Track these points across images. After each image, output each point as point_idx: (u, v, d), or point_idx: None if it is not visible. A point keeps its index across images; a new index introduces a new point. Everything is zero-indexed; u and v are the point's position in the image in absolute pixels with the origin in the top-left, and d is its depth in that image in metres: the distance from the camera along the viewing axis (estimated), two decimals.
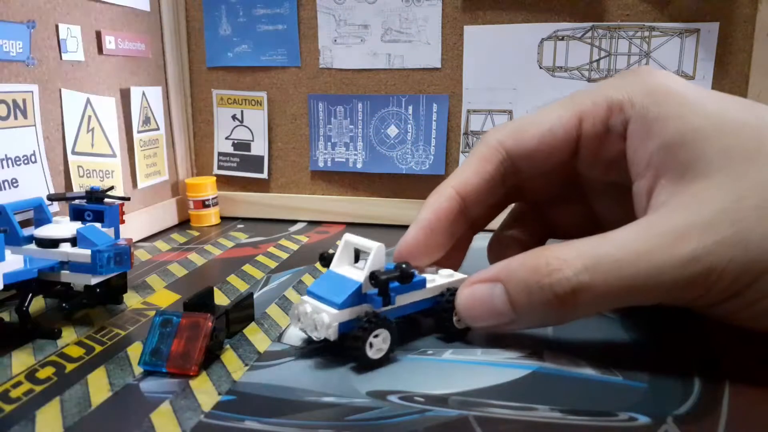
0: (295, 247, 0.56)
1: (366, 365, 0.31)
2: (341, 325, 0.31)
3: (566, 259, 0.25)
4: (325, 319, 0.30)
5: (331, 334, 0.30)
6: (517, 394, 0.28)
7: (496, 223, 0.41)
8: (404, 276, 0.31)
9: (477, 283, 0.28)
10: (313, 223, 0.65)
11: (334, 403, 0.28)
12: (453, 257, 0.36)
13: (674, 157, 0.25)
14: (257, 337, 0.35)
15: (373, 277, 0.30)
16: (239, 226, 0.65)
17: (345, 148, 0.65)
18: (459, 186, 0.32)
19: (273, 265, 0.50)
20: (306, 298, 0.33)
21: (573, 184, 0.35)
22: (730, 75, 0.55)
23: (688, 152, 0.25)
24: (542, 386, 0.29)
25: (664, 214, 0.25)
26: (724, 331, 0.35)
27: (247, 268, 0.49)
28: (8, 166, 0.43)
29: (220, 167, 0.69)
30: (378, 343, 0.31)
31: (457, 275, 0.36)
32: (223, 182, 0.69)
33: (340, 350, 0.31)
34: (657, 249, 0.23)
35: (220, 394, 0.29)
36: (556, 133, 0.30)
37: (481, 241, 0.56)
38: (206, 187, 0.65)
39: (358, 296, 0.31)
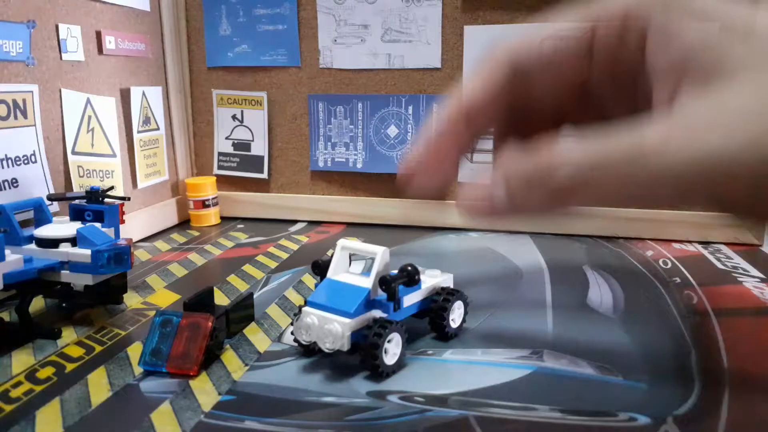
0: (295, 247, 0.56)
1: (382, 373, 0.30)
2: (353, 334, 0.30)
3: (568, 156, 0.25)
4: (338, 329, 0.29)
5: (345, 344, 0.29)
6: (517, 394, 0.28)
7: None
8: (411, 279, 0.31)
9: (478, 187, 0.28)
10: (313, 223, 0.65)
11: (334, 403, 0.28)
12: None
13: (698, 61, 0.25)
14: (257, 337, 0.35)
15: (384, 282, 0.30)
16: (239, 226, 0.65)
17: (345, 148, 0.65)
18: (467, 95, 0.31)
19: (273, 265, 0.50)
20: (309, 309, 0.31)
21: (581, 100, 0.34)
22: None
23: (712, 55, 0.24)
24: (542, 386, 0.29)
25: (683, 113, 0.24)
26: (725, 331, 0.35)
27: (247, 268, 0.49)
28: (8, 166, 0.43)
29: (220, 167, 0.69)
30: (392, 348, 0.30)
31: (446, 275, 0.36)
32: (223, 182, 0.69)
33: (352, 359, 0.31)
34: (674, 142, 0.23)
35: (220, 394, 0.29)
36: (569, 41, 0.30)
37: (479, 242, 0.56)
38: (206, 187, 0.65)
39: (366, 303, 0.31)
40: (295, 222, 0.66)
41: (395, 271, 0.32)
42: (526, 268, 0.48)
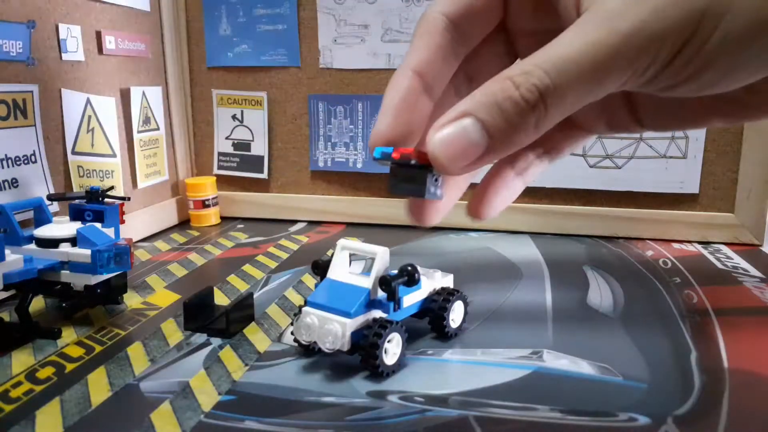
0: (295, 247, 0.56)
1: (382, 373, 0.30)
2: (352, 334, 0.30)
3: (527, 71, 0.26)
4: (338, 329, 0.30)
5: (345, 344, 0.30)
6: (517, 394, 0.28)
7: None
8: (411, 279, 0.31)
9: (445, 124, 0.28)
10: (313, 223, 0.65)
11: (334, 403, 0.28)
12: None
13: None
14: (257, 337, 0.35)
15: (384, 282, 0.30)
16: (239, 226, 0.65)
17: (345, 148, 0.65)
18: (413, 64, 0.32)
19: (273, 265, 0.50)
20: (309, 309, 0.32)
21: (512, 42, 0.35)
22: None
23: None
24: (542, 386, 0.29)
25: (596, 8, 0.26)
26: (725, 331, 0.35)
27: (247, 268, 0.49)
28: (8, 166, 0.43)
29: (220, 167, 0.69)
30: (392, 348, 0.30)
31: (447, 275, 0.36)
32: (223, 182, 0.69)
33: (352, 359, 0.31)
34: (601, 34, 0.25)
35: (220, 394, 0.29)
36: None
37: (479, 242, 0.56)
38: (206, 187, 0.65)
39: (366, 303, 0.31)
40: (295, 222, 0.66)
41: (395, 271, 0.32)
42: (526, 268, 0.48)
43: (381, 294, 0.31)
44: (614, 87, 0.27)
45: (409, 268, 0.31)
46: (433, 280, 0.34)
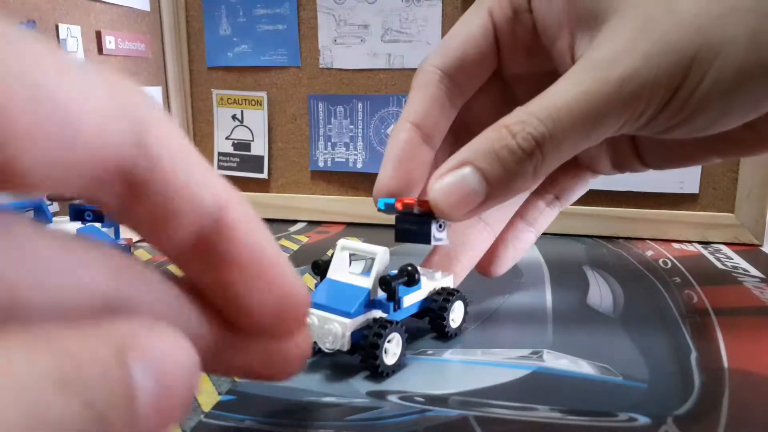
0: (295, 247, 0.56)
1: (382, 373, 0.30)
2: (352, 334, 0.30)
3: (523, 119, 0.26)
4: (338, 329, 0.30)
5: (345, 344, 0.30)
6: (517, 394, 0.28)
7: None
8: (411, 279, 0.31)
9: (445, 173, 0.28)
10: (313, 223, 0.65)
11: (334, 403, 0.28)
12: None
13: (582, 8, 0.27)
14: None
15: (384, 282, 0.30)
16: None
17: (345, 148, 0.65)
18: (411, 117, 0.32)
19: None
20: (309, 309, 0.32)
21: (508, 88, 0.35)
22: None
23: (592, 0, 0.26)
24: (542, 386, 0.29)
25: (589, 56, 0.26)
26: (725, 331, 0.35)
27: None
28: None
29: (220, 167, 0.69)
30: (392, 348, 0.30)
31: (447, 275, 0.35)
32: None
33: (352, 359, 0.31)
34: (594, 83, 0.25)
35: (220, 394, 0.29)
36: (475, 34, 0.31)
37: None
38: None
39: (366, 303, 0.31)
40: (295, 222, 0.66)
41: (395, 271, 0.32)
42: (526, 268, 0.48)
43: (381, 294, 0.31)
44: (609, 133, 0.27)
45: (409, 268, 0.31)
46: (433, 281, 0.34)
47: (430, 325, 0.34)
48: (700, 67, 0.24)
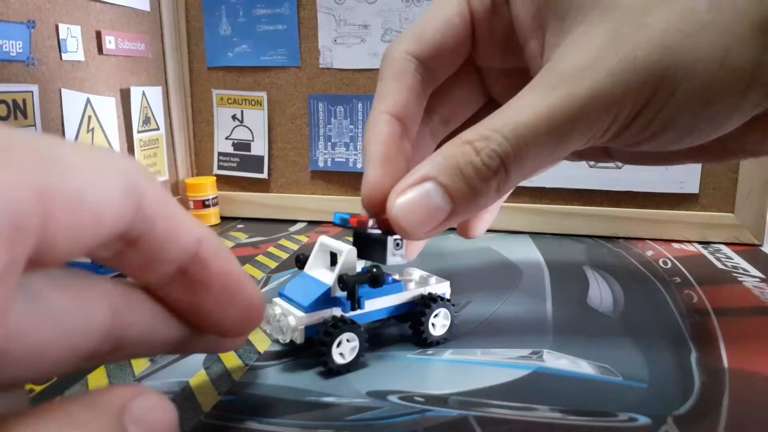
0: (295, 247, 0.56)
1: (333, 370, 0.30)
2: (309, 328, 0.30)
3: (487, 135, 0.26)
4: (291, 321, 0.30)
5: (297, 338, 0.30)
6: (517, 394, 0.28)
7: None
8: (375, 279, 0.30)
9: (406, 189, 0.27)
10: (313, 223, 0.65)
11: (334, 403, 0.28)
12: None
13: (553, 8, 0.26)
14: (257, 337, 0.35)
15: (341, 280, 0.30)
16: (239, 226, 0.65)
17: (345, 148, 0.65)
18: (389, 109, 0.31)
19: (273, 265, 0.50)
20: (277, 300, 0.33)
21: (480, 75, 0.34)
22: None
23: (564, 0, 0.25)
24: (542, 386, 0.29)
25: (554, 67, 0.25)
26: (725, 331, 0.35)
27: (247, 268, 0.49)
28: None
29: (220, 167, 0.69)
30: (346, 348, 0.30)
31: (442, 282, 0.35)
32: (223, 182, 0.69)
33: (308, 355, 0.31)
34: (559, 98, 0.25)
35: (220, 394, 0.29)
36: (454, 22, 0.30)
37: (479, 242, 0.56)
38: (206, 187, 0.65)
39: (326, 299, 0.31)
40: (295, 222, 0.66)
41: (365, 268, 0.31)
42: (526, 268, 0.48)
43: (343, 292, 0.31)
44: (575, 147, 0.26)
45: (374, 269, 0.30)
46: (426, 285, 0.34)
47: (411, 330, 0.34)
48: (668, 86, 0.23)
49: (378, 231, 0.29)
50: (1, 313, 0.14)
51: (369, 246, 0.31)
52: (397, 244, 0.29)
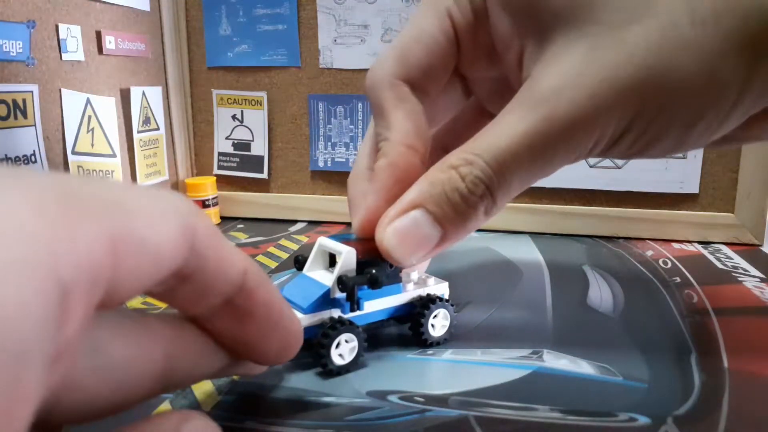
0: (295, 247, 0.56)
1: (332, 371, 0.30)
2: (307, 329, 0.30)
3: (470, 160, 0.25)
4: None
5: None
6: (517, 394, 0.28)
7: None
8: (373, 281, 0.30)
9: (395, 217, 0.27)
10: (313, 223, 0.65)
11: (334, 403, 0.28)
12: None
13: (534, 18, 0.25)
14: None
15: (340, 281, 0.30)
16: (239, 226, 0.65)
17: (345, 148, 0.65)
18: (405, 139, 0.30)
19: (273, 265, 0.50)
20: None
21: (467, 82, 0.34)
22: None
23: (543, 8, 0.24)
24: (542, 386, 0.29)
25: (532, 87, 0.25)
26: (725, 331, 0.35)
27: None
28: (8, 166, 0.43)
29: (220, 167, 0.69)
30: (345, 349, 0.30)
31: (441, 283, 0.35)
32: (223, 182, 0.69)
33: (307, 356, 0.31)
34: (537, 122, 0.24)
35: (220, 394, 0.29)
36: (437, 39, 0.29)
37: (479, 242, 0.56)
38: (206, 187, 0.65)
39: (325, 301, 0.31)
40: (295, 222, 0.66)
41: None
42: (526, 268, 0.48)
43: (342, 293, 0.31)
44: (561, 166, 0.26)
45: (374, 270, 0.30)
46: (424, 287, 0.34)
47: (410, 331, 0.34)
48: (652, 106, 0.23)
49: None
50: (71, 365, 0.15)
51: (360, 275, 0.31)
52: (390, 271, 0.30)
